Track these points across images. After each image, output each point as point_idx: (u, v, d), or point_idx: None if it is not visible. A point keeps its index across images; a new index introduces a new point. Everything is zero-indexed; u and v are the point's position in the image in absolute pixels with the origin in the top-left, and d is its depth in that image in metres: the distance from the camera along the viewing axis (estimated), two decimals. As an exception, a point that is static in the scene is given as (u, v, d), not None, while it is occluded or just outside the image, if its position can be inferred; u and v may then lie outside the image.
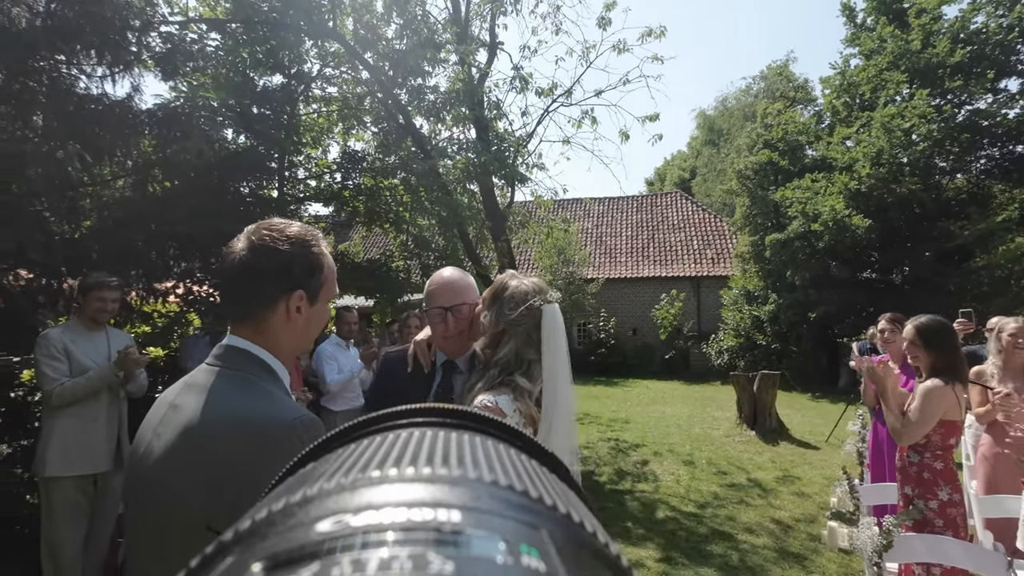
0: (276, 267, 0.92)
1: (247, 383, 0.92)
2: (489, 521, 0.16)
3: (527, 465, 0.22)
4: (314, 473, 0.20)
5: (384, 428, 0.25)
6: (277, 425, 0.85)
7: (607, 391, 12.40)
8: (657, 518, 4.47)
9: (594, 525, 0.19)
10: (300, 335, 1.00)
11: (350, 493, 0.17)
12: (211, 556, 0.15)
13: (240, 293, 0.95)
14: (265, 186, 5.62)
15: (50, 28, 2.95)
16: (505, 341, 1.28)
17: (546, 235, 9.04)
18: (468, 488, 0.17)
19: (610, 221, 19.51)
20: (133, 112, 3.77)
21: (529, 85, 7.42)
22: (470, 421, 0.26)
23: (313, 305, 0.99)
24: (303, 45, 6.17)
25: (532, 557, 0.14)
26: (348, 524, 0.15)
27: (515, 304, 1.30)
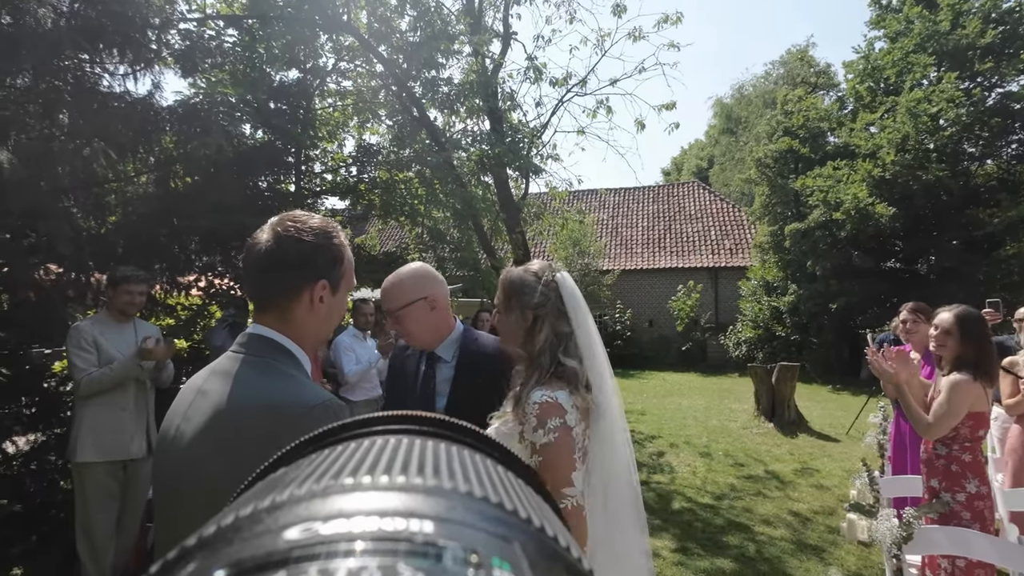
0: (301, 257, 0.94)
1: (272, 369, 0.94)
2: (462, 533, 0.15)
3: (503, 476, 0.21)
4: (285, 478, 0.20)
5: (359, 435, 0.24)
6: (305, 408, 0.87)
7: (623, 383, 12.38)
8: (673, 509, 4.47)
9: (568, 539, 0.18)
10: (322, 324, 1.02)
11: (321, 500, 0.16)
12: (173, 562, 0.15)
13: (265, 283, 0.97)
14: (282, 180, 5.69)
15: (74, 28, 3.02)
16: (539, 327, 1.27)
17: (561, 226, 9.02)
18: (442, 499, 0.17)
19: (626, 212, 19.34)
20: (154, 109, 3.85)
21: (543, 75, 7.37)
22: (447, 430, 0.25)
23: (335, 295, 1.01)
24: (318, 39, 6.21)
25: (504, 571, 0.14)
26: (317, 532, 0.15)
27: (532, 288, 1.29)
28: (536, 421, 1.16)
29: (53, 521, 3.42)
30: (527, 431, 1.18)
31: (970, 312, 2.39)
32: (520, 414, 1.19)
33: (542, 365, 1.24)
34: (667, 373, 14.13)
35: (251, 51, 5.41)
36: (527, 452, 1.19)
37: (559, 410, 1.17)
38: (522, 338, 1.28)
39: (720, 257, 16.56)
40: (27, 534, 3.36)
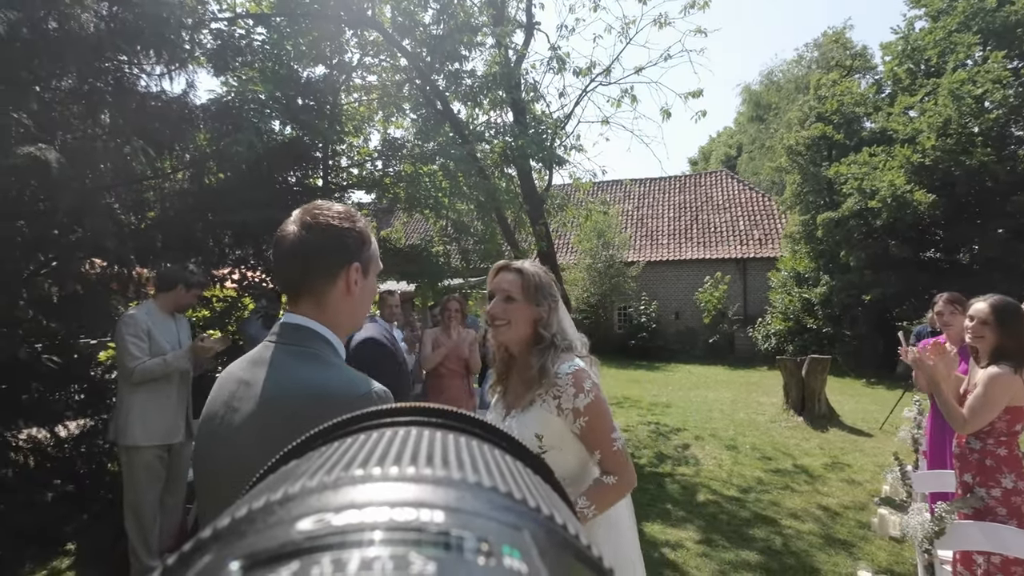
0: (332, 242, 0.97)
1: (313, 357, 0.96)
2: (472, 522, 0.16)
3: (511, 466, 0.22)
4: (296, 471, 0.20)
5: (369, 427, 0.25)
6: (354, 397, 0.90)
7: (648, 375, 12.28)
8: (698, 501, 4.45)
9: (577, 527, 0.18)
10: (357, 308, 1.04)
11: (332, 492, 0.17)
12: (189, 553, 0.15)
13: (299, 271, 0.98)
14: (310, 175, 5.82)
15: (113, 31, 3.15)
16: (553, 316, 1.44)
17: (585, 218, 8.96)
18: (452, 489, 0.17)
19: (651, 202, 19.07)
20: (189, 107, 3.99)
21: (567, 65, 7.31)
22: (455, 421, 0.25)
23: (366, 277, 1.03)
24: (343, 35, 6.29)
25: (514, 558, 0.14)
26: (329, 523, 0.15)
27: (550, 283, 1.46)
28: (574, 388, 1.32)
29: (102, 501, 3.62)
30: (565, 400, 1.32)
31: (1007, 301, 2.30)
32: (551, 387, 1.33)
33: (558, 343, 1.41)
34: (693, 366, 13.95)
35: (279, 48, 5.52)
36: (570, 419, 1.33)
37: (586, 373, 1.35)
38: (544, 325, 1.42)
39: (749, 248, 16.20)
40: (79, 512, 3.57)
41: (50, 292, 3.58)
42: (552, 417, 1.35)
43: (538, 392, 1.35)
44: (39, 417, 3.64)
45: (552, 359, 1.36)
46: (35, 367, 3.33)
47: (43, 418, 3.65)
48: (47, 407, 3.67)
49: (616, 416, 6.41)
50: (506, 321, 1.41)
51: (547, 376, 1.34)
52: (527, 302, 1.41)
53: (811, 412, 7.18)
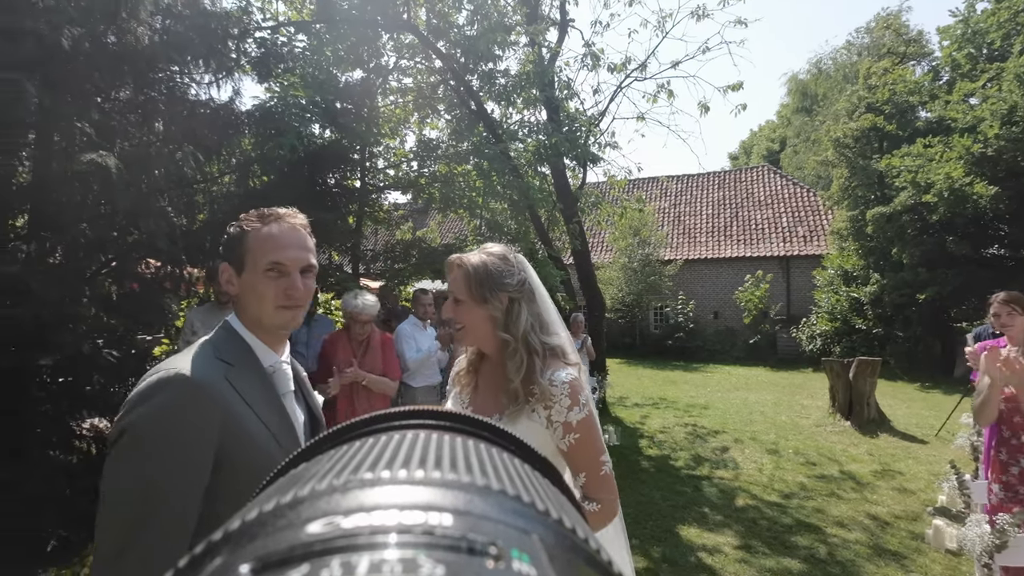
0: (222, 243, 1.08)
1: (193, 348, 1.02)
2: (481, 526, 0.16)
3: (520, 469, 0.22)
4: (305, 474, 0.20)
5: (377, 430, 0.25)
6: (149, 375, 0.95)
7: (685, 376, 12.02)
8: (737, 506, 4.33)
9: (586, 531, 0.18)
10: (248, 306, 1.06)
11: (341, 495, 0.17)
12: (200, 556, 0.15)
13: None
14: (348, 177, 5.98)
15: (166, 43, 3.32)
16: (517, 310, 1.22)
17: (619, 216, 8.85)
18: (461, 492, 0.17)
19: (689, 199, 18.64)
20: (235, 114, 4.17)
21: (601, 61, 7.24)
22: (464, 424, 0.25)
23: (240, 275, 1.05)
24: (380, 39, 6.43)
25: (523, 562, 0.14)
26: (339, 526, 0.15)
27: (508, 271, 1.24)
28: (569, 400, 1.17)
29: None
30: (557, 413, 1.17)
31: None
32: (544, 398, 1.17)
33: (535, 348, 1.21)
34: (732, 367, 13.56)
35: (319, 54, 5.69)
36: (559, 433, 1.18)
37: (582, 386, 1.20)
38: (502, 325, 1.22)
39: (792, 245, 15.61)
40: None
41: (110, 290, 3.81)
42: (540, 429, 1.18)
43: (528, 402, 1.20)
44: (101, 407, 3.87)
45: (539, 369, 1.20)
46: (97, 360, 3.55)
47: (104, 409, 3.89)
48: (108, 398, 3.91)
49: (652, 417, 6.28)
50: (460, 325, 1.26)
51: (536, 386, 1.18)
52: (473, 302, 1.22)
53: (859, 416, 6.86)
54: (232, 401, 0.95)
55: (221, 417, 0.92)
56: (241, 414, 0.95)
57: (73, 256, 3.40)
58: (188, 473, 0.89)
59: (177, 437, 0.89)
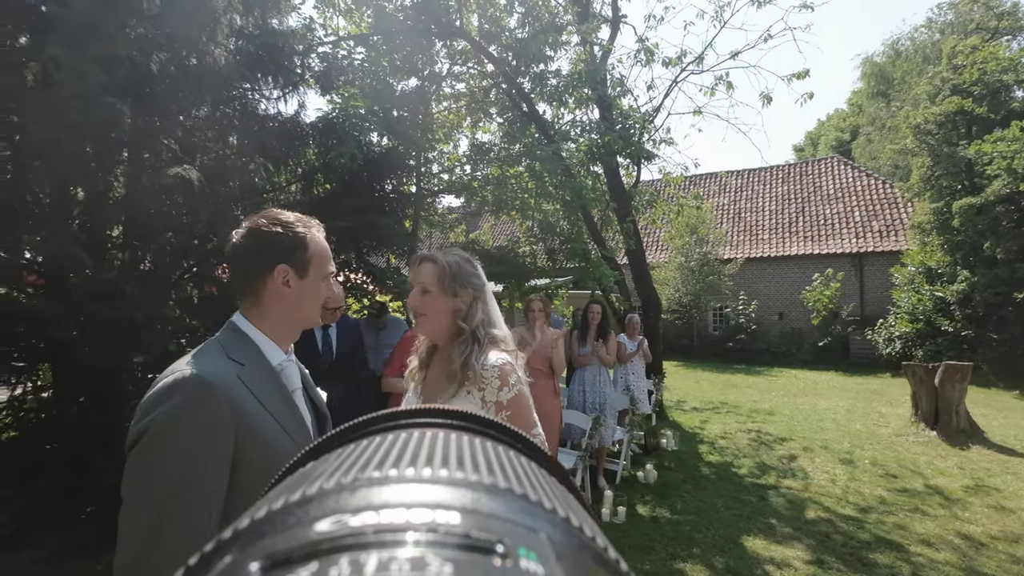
0: (261, 245, 1.04)
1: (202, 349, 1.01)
2: (488, 524, 0.16)
3: (527, 468, 0.22)
4: (314, 472, 0.20)
5: (385, 429, 0.25)
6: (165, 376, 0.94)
7: (747, 380, 11.49)
8: (807, 518, 4.08)
9: (593, 529, 0.18)
10: (295, 307, 1.08)
11: (349, 493, 0.17)
12: (210, 554, 0.16)
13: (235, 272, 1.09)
14: (404, 182, 6.16)
15: (239, 62, 3.56)
16: (476, 306, 1.39)
17: (676, 214, 8.60)
18: (468, 490, 0.17)
19: (750, 195, 17.82)
20: (300, 126, 4.40)
21: (655, 56, 7.07)
22: (471, 423, 0.25)
23: (302, 279, 1.07)
24: (434, 47, 6.59)
25: (531, 560, 0.14)
26: (347, 524, 0.15)
27: (471, 271, 1.41)
28: (499, 382, 1.31)
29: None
30: (489, 393, 1.31)
31: None
32: (477, 380, 1.32)
33: (479, 338, 1.37)
34: (799, 371, 12.83)
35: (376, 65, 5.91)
36: (492, 412, 1.31)
37: (512, 367, 1.35)
38: (463, 316, 1.38)
39: (867, 241, 14.57)
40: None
41: (191, 293, 4.12)
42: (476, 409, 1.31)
43: (464, 384, 1.34)
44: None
45: (476, 354, 1.34)
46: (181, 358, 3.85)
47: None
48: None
49: (712, 422, 6.06)
50: (423, 314, 1.40)
51: (471, 369, 1.32)
52: (443, 294, 1.37)
53: (947, 426, 6.30)
54: (246, 400, 0.95)
55: (236, 417, 0.92)
56: (255, 413, 0.95)
57: (160, 262, 3.71)
58: (208, 474, 0.89)
59: (195, 438, 0.89)
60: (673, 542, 3.63)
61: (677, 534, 3.75)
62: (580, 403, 4.65)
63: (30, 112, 2.44)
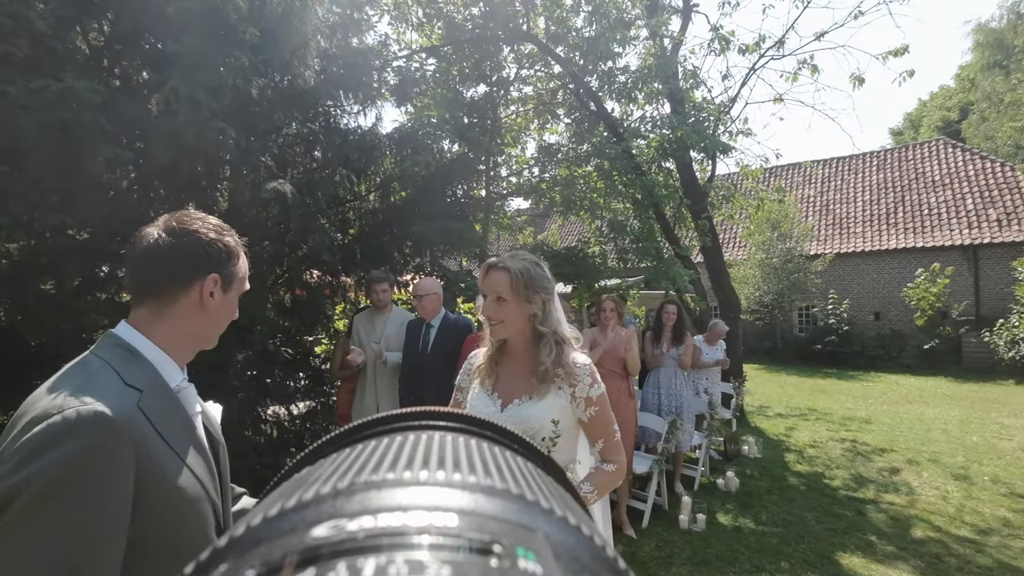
0: (197, 249, 0.91)
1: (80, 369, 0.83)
2: (485, 525, 0.16)
3: (524, 468, 0.22)
4: (309, 478, 0.20)
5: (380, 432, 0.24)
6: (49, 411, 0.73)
7: (839, 385, 10.62)
8: (913, 537, 3.72)
9: (591, 527, 0.18)
10: (211, 323, 0.96)
11: (346, 498, 0.17)
12: (205, 563, 0.15)
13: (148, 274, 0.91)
14: (475, 187, 6.31)
15: (325, 81, 3.83)
16: (551, 307, 1.44)
17: (755, 208, 8.15)
18: (465, 492, 0.17)
19: (840, 185, 16.47)
20: (378, 137, 4.64)
21: (730, 45, 6.75)
22: (466, 424, 0.25)
23: (226, 294, 0.96)
24: (501, 52, 6.71)
25: (529, 560, 0.14)
26: (344, 529, 0.15)
27: (542, 275, 1.44)
28: (591, 379, 1.41)
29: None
30: (580, 390, 1.40)
31: None
32: (568, 378, 1.40)
33: (562, 338, 1.43)
34: (901, 376, 11.67)
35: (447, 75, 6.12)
36: (582, 407, 1.41)
37: (595, 368, 1.44)
38: (540, 321, 1.42)
39: (982, 231, 12.99)
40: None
41: (284, 297, 4.47)
42: (565, 403, 1.41)
43: (554, 381, 1.40)
44: (279, 397, 4.56)
45: (565, 353, 1.41)
46: (276, 357, 4.19)
47: (282, 398, 4.57)
48: (284, 390, 4.59)
49: (799, 429, 5.69)
50: (500, 321, 1.42)
51: (564, 367, 1.40)
52: (518, 300, 1.40)
53: (1089, 442, 5.48)
54: (147, 434, 0.79)
55: (137, 460, 0.76)
56: (155, 447, 0.80)
57: (258, 269, 4.06)
58: (112, 530, 0.72)
59: (96, 497, 0.70)
60: (758, 554, 3.44)
61: (762, 546, 3.55)
62: (655, 405, 4.53)
63: (154, 138, 2.77)
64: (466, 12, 6.62)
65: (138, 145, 3.06)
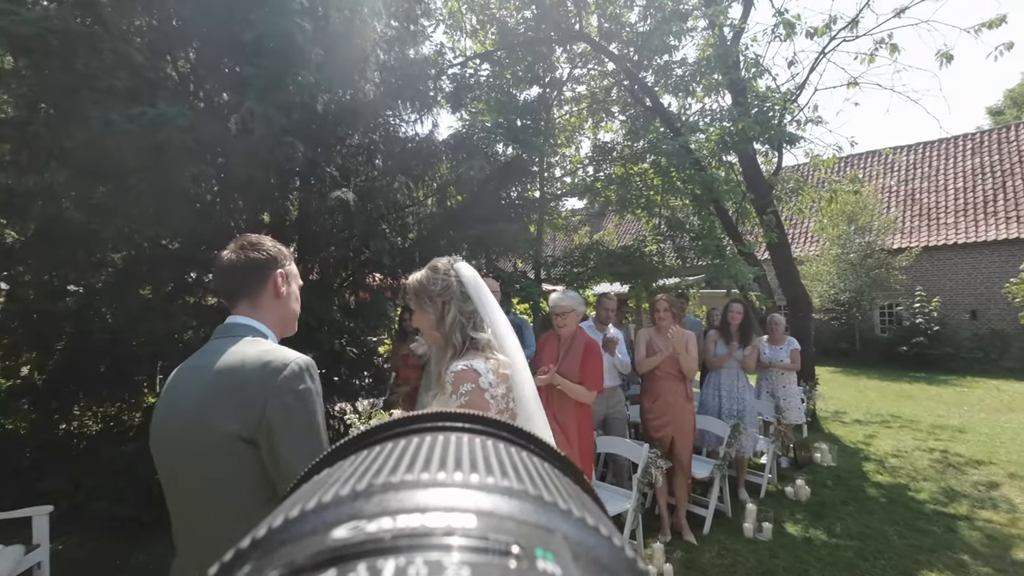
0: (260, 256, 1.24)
1: (251, 342, 1.16)
2: (504, 526, 0.16)
3: (540, 469, 0.22)
4: (329, 480, 0.20)
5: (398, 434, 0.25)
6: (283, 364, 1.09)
7: (927, 390, 9.75)
8: (1014, 559, 3.36)
9: (609, 528, 0.18)
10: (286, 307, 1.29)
11: (365, 499, 0.17)
12: (229, 564, 0.16)
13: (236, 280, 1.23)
14: (528, 188, 6.35)
15: (384, 93, 4.01)
16: (447, 310, 1.41)
17: (828, 201, 7.65)
18: (483, 493, 0.17)
19: (927, 173, 15.10)
20: (434, 144, 4.79)
21: (796, 29, 6.38)
22: (483, 425, 0.25)
23: (291, 285, 1.28)
24: (554, 53, 6.71)
25: (547, 561, 0.14)
26: (363, 530, 0.15)
27: (434, 280, 1.43)
28: (451, 388, 1.30)
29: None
30: (446, 399, 1.33)
31: None
32: (443, 387, 1.34)
33: (455, 342, 1.38)
34: (1002, 381, 10.53)
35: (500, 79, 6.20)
36: None
37: (472, 375, 1.30)
38: (435, 324, 1.41)
39: (1102, 219, 11.49)
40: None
41: (348, 299, 4.72)
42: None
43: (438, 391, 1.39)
44: (345, 394, 4.81)
45: (448, 361, 1.38)
46: (342, 356, 4.43)
47: (348, 395, 4.82)
48: (350, 387, 4.83)
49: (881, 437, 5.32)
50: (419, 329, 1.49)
51: (440, 377, 1.38)
52: (421, 310, 1.44)
53: None
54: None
55: None
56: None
57: (325, 273, 4.31)
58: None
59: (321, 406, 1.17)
60: (831, 567, 3.24)
61: (836, 559, 3.34)
62: (715, 408, 4.37)
63: (232, 154, 3.02)
64: (519, 16, 6.67)
65: (220, 161, 3.34)
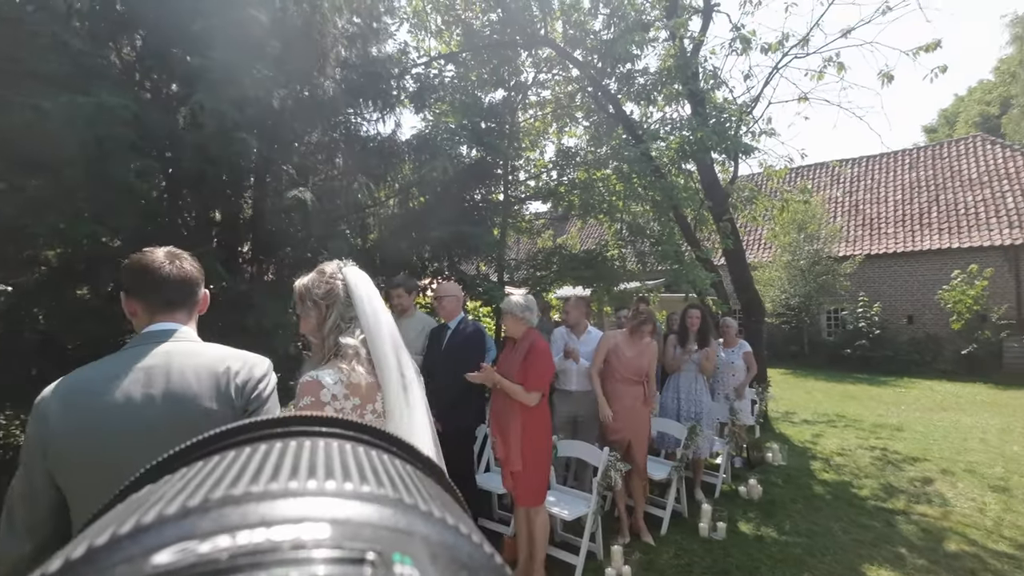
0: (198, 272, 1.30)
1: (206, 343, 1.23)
2: (360, 532, 0.15)
3: (402, 471, 0.21)
4: (150, 498, 0.17)
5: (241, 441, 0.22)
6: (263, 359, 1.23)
7: (870, 391, 10.30)
8: (947, 550, 3.58)
9: (469, 526, 0.18)
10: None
11: (199, 516, 0.15)
12: None
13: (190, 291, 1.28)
14: (492, 191, 6.34)
15: (344, 91, 3.91)
16: (329, 315, 1.38)
17: (779, 210, 7.98)
18: (339, 500, 0.16)
19: (869, 185, 16.00)
20: (396, 144, 4.71)
21: (752, 44, 6.62)
22: (343, 429, 0.24)
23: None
24: (519, 57, 6.73)
25: (405, 565, 0.14)
26: (194, 552, 0.13)
27: (318, 283, 1.41)
28: (296, 398, 1.31)
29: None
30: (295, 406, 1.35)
31: None
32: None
33: (327, 347, 1.36)
34: (936, 382, 11.25)
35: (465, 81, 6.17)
36: None
37: (315, 388, 1.27)
38: (315, 329, 1.38)
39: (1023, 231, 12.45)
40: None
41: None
42: None
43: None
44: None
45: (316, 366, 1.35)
46: (299, 360, 4.28)
47: (304, 400, 4.66)
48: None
49: (826, 436, 5.56)
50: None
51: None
52: (303, 314, 1.42)
53: None
54: None
55: None
56: None
57: (280, 274, 4.16)
58: None
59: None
60: (781, 564, 3.36)
61: (785, 556, 3.47)
62: (674, 411, 4.47)
63: (181, 149, 2.87)
64: (484, 18, 6.67)
65: (167, 155, 3.18)
